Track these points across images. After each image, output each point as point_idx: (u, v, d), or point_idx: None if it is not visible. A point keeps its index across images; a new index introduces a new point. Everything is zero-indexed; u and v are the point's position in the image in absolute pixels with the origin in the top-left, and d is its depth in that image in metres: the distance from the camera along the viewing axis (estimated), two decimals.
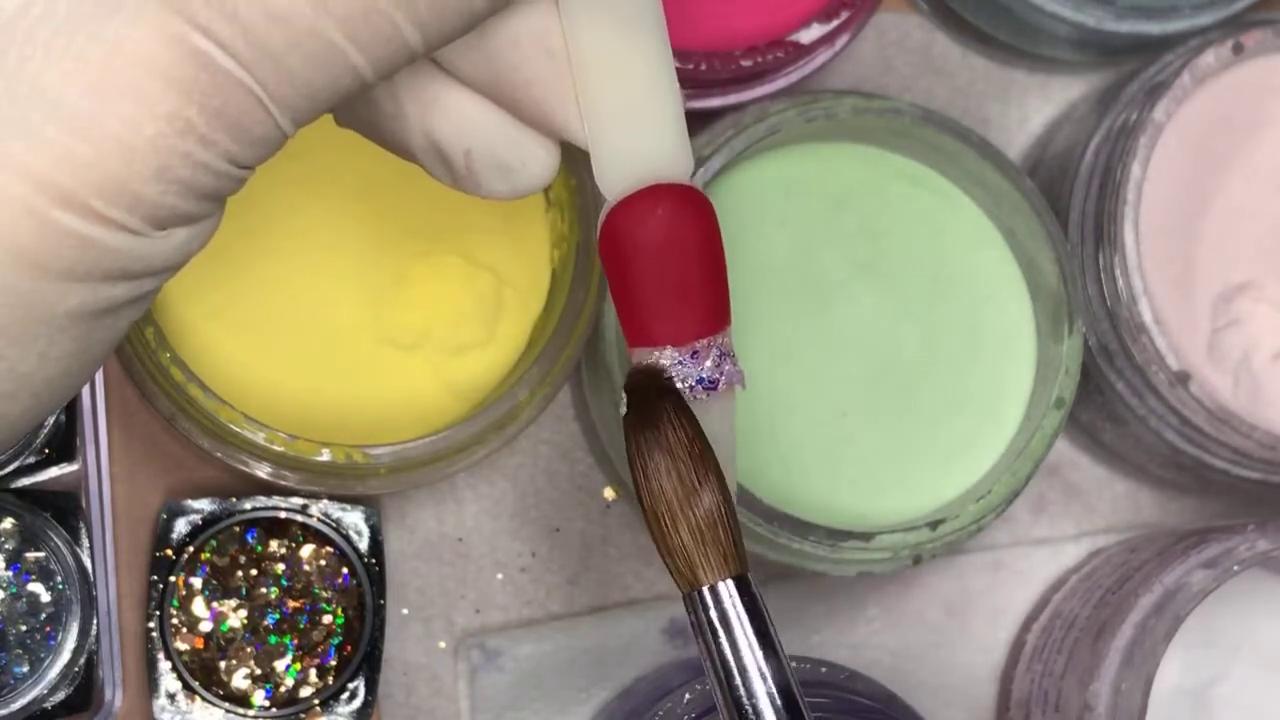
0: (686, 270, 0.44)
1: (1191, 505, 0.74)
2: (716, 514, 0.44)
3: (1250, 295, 0.67)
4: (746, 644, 0.44)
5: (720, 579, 0.44)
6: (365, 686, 0.65)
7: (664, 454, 0.44)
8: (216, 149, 0.38)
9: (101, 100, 0.37)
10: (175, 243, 0.39)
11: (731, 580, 0.44)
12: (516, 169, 0.44)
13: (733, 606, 0.44)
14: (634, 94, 0.44)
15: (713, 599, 0.44)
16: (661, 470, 0.44)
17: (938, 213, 0.67)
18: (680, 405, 0.45)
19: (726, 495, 0.44)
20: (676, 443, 0.44)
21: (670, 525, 0.44)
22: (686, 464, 0.44)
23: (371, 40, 0.39)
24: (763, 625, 0.44)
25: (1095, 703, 0.63)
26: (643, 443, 0.44)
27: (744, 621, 0.44)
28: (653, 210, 0.44)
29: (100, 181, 0.37)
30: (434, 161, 0.44)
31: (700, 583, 0.44)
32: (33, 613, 0.63)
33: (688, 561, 0.44)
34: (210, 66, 0.37)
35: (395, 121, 0.43)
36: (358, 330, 0.63)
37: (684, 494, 0.44)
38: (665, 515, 0.44)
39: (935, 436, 0.66)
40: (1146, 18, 0.69)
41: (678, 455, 0.44)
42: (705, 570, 0.44)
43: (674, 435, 0.44)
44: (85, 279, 0.38)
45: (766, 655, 0.44)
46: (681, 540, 0.44)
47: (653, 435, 0.44)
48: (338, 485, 0.62)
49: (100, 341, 0.40)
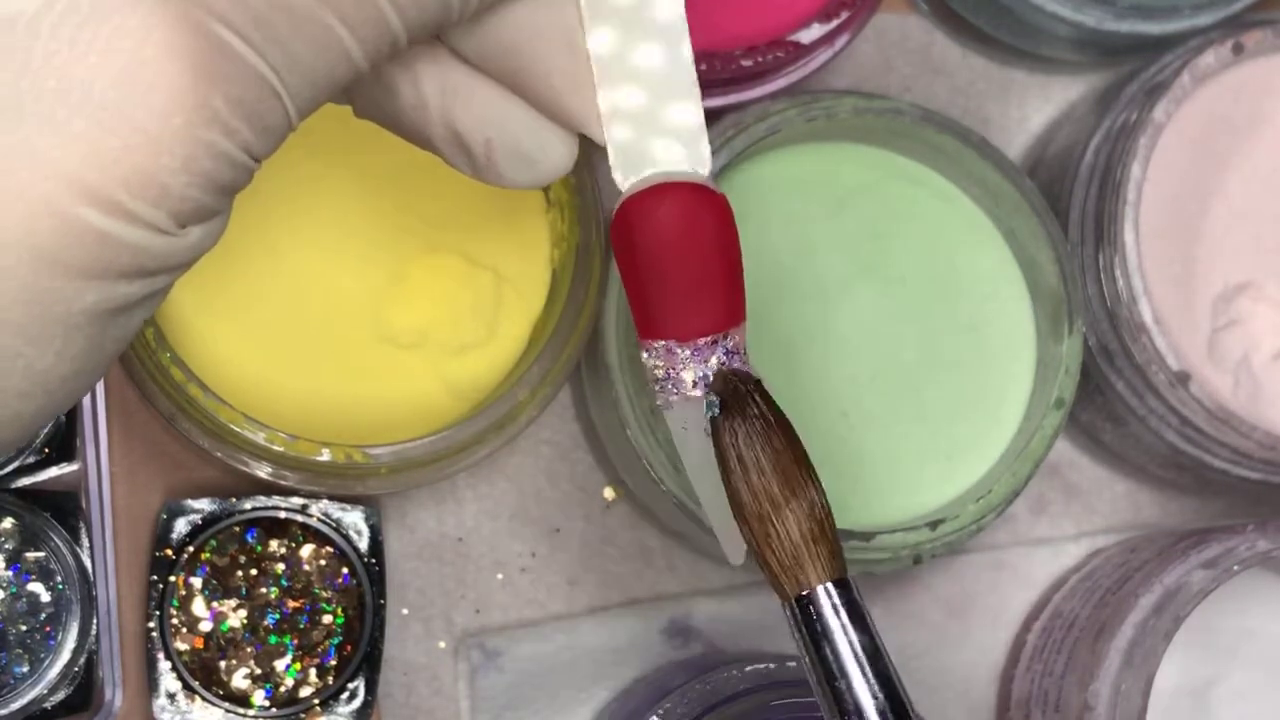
0: (694, 266, 0.44)
1: (1191, 505, 0.74)
2: (824, 511, 0.43)
3: (1250, 295, 0.67)
4: (850, 648, 0.43)
5: (828, 579, 0.43)
6: (365, 686, 0.65)
7: (765, 450, 0.43)
8: (237, 138, 0.38)
9: (130, 91, 0.37)
10: (191, 240, 0.40)
11: (833, 583, 0.43)
12: (537, 159, 0.44)
13: (838, 609, 0.43)
14: (651, 88, 0.44)
15: (819, 602, 0.43)
16: (766, 467, 0.43)
17: (938, 213, 0.67)
18: (771, 401, 0.44)
19: (824, 493, 0.43)
20: (776, 438, 0.43)
21: (777, 525, 0.43)
22: (790, 460, 0.43)
23: (362, 25, 0.39)
24: (866, 627, 0.43)
25: (1095, 703, 0.63)
26: (741, 440, 0.43)
27: (848, 624, 0.43)
28: (661, 205, 0.44)
29: (128, 174, 0.37)
30: (455, 151, 0.44)
31: (808, 584, 0.43)
32: (33, 613, 0.63)
33: (795, 562, 0.43)
34: (229, 53, 0.38)
35: (417, 111, 0.44)
36: (358, 330, 0.63)
37: (790, 491, 0.43)
38: (771, 514, 0.43)
39: (935, 436, 0.66)
40: (1146, 18, 0.69)
41: (779, 451, 0.43)
42: (815, 571, 0.43)
43: (772, 431, 0.43)
44: (103, 276, 0.38)
45: (872, 658, 0.43)
46: (790, 540, 0.43)
47: (752, 431, 0.43)
48: (338, 485, 0.62)
49: (113, 340, 0.40)
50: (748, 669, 0.63)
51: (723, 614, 0.69)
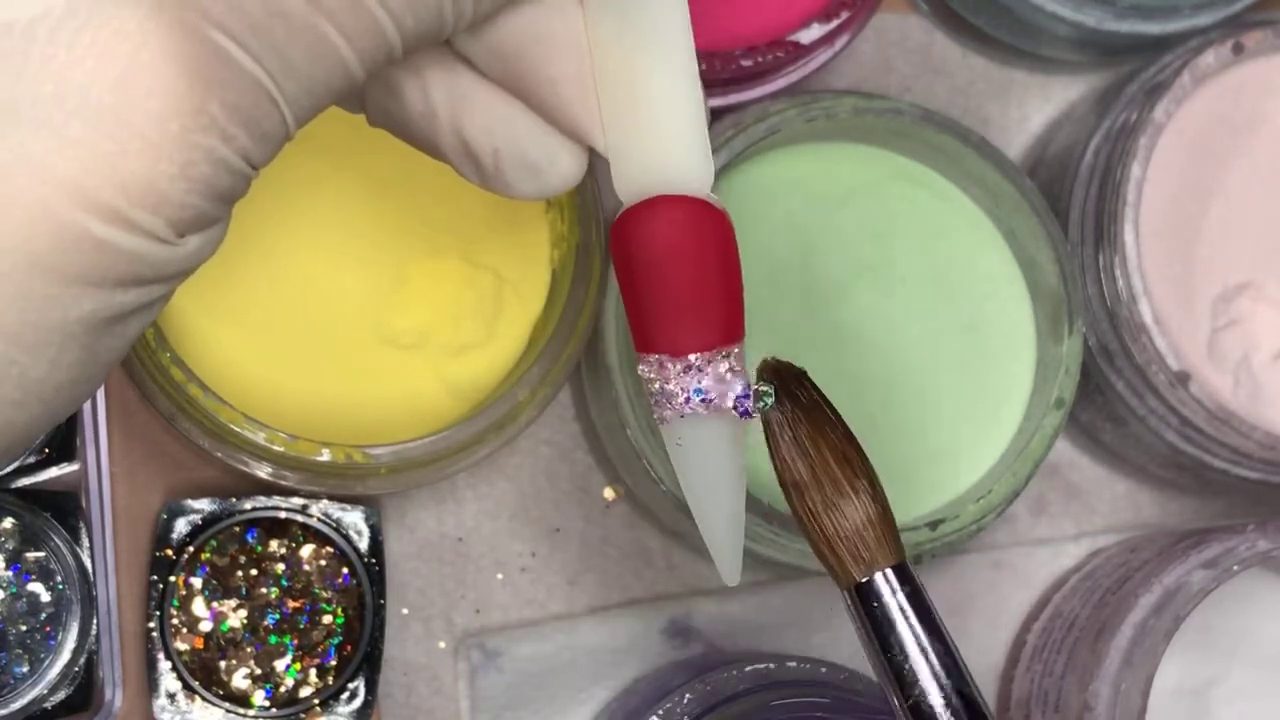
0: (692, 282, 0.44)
1: (1191, 505, 0.74)
2: (883, 499, 0.43)
3: (1250, 295, 0.67)
4: (911, 633, 0.43)
5: (891, 564, 0.43)
6: (365, 686, 0.65)
7: (825, 436, 0.43)
8: (235, 145, 0.38)
9: (127, 95, 0.37)
10: (189, 249, 0.39)
11: (893, 569, 0.43)
12: (544, 169, 0.44)
13: (896, 593, 0.43)
14: (655, 101, 0.44)
15: (888, 585, 0.43)
16: (826, 453, 0.43)
17: (938, 213, 0.67)
18: (819, 389, 0.44)
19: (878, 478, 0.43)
20: (834, 424, 0.43)
21: (839, 511, 0.43)
22: (850, 446, 0.43)
23: (357, 34, 0.39)
24: (927, 610, 0.43)
25: (1095, 703, 0.63)
26: (798, 426, 0.43)
27: (908, 608, 0.43)
28: (661, 219, 0.43)
29: (125, 180, 0.37)
30: (463, 160, 0.44)
31: (872, 569, 0.42)
32: (33, 613, 0.63)
33: (856, 548, 0.43)
34: (227, 59, 0.37)
35: (425, 120, 0.43)
36: (358, 330, 0.63)
37: (853, 476, 0.43)
38: (835, 500, 0.42)
39: (935, 436, 0.66)
40: (1146, 18, 0.69)
41: (839, 437, 0.43)
42: (880, 555, 0.43)
43: (827, 417, 0.43)
44: (100, 284, 0.38)
45: (935, 646, 0.43)
46: (853, 525, 0.43)
47: (809, 417, 0.43)
48: (338, 485, 0.62)
49: (109, 350, 0.40)
50: (748, 669, 0.63)
51: (723, 614, 0.69)
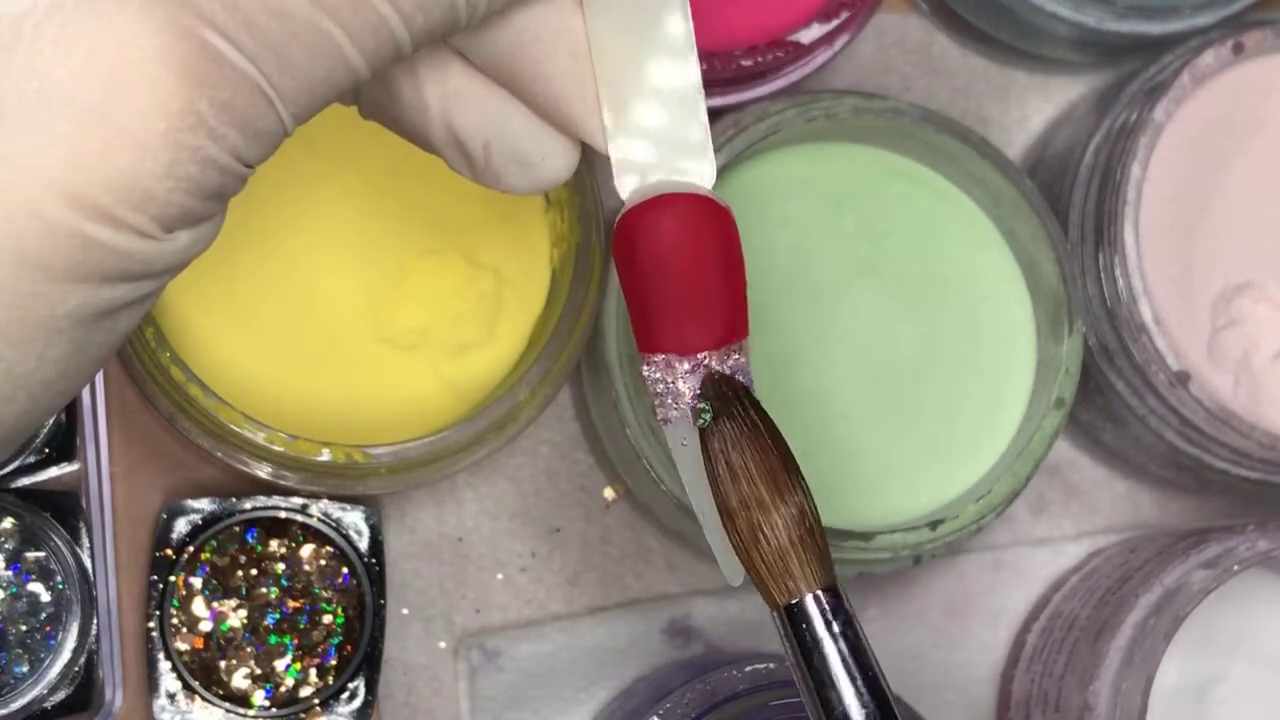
0: (696, 280, 0.43)
1: (1191, 505, 0.74)
2: (813, 518, 0.42)
3: (1250, 295, 0.67)
4: (838, 656, 0.42)
5: (817, 586, 0.42)
6: (365, 686, 0.65)
7: (754, 456, 0.42)
8: (225, 144, 0.38)
9: (113, 94, 0.37)
10: (179, 245, 0.39)
11: (823, 590, 0.42)
12: (536, 163, 0.44)
13: (827, 616, 0.42)
14: (656, 99, 0.43)
15: (808, 610, 0.42)
16: (754, 473, 0.42)
17: (938, 213, 0.67)
18: (760, 408, 0.43)
19: (813, 499, 0.43)
20: (764, 444, 0.43)
21: (766, 531, 0.42)
22: (779, 467, 0.42)
23: (361, 32, 0.39)
24: (856, 635, 0.42)
25: (1095, 703, 0.63)
26: (730, 446, 0.42)
27: (839, 633, 0.42)
28: (664, 217, 0.43)
29: (110, 178, 0.37)
30: (454, 153, 0.44)
31: (798, 592, 0.42)
32: (33, 613, 0.63)
33: (784, 569, 0.42)
34: (219, 59, 0.37)
35: (417, 113, 0.43)
36: (358, 330, 0.63)
37: (779, 497, 0.42)
38: (761, 520, 0.42)
39: (935, 436, 0.66)
40: (1146, 18, 0.69)
41: (768, 457, 0.42)
42: (805, 578, 0.42)
43: (761, 437, 0.43)
44: (87, 280, 0.38)
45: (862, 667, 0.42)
46: (778, 546, 0.42)
47: (741, 437, 0.42)
48: (338, 485, 0.62)
49: (99, 345, 0.40)
50: (748, 669, 0.63)
51: (723, 614, 0.69)
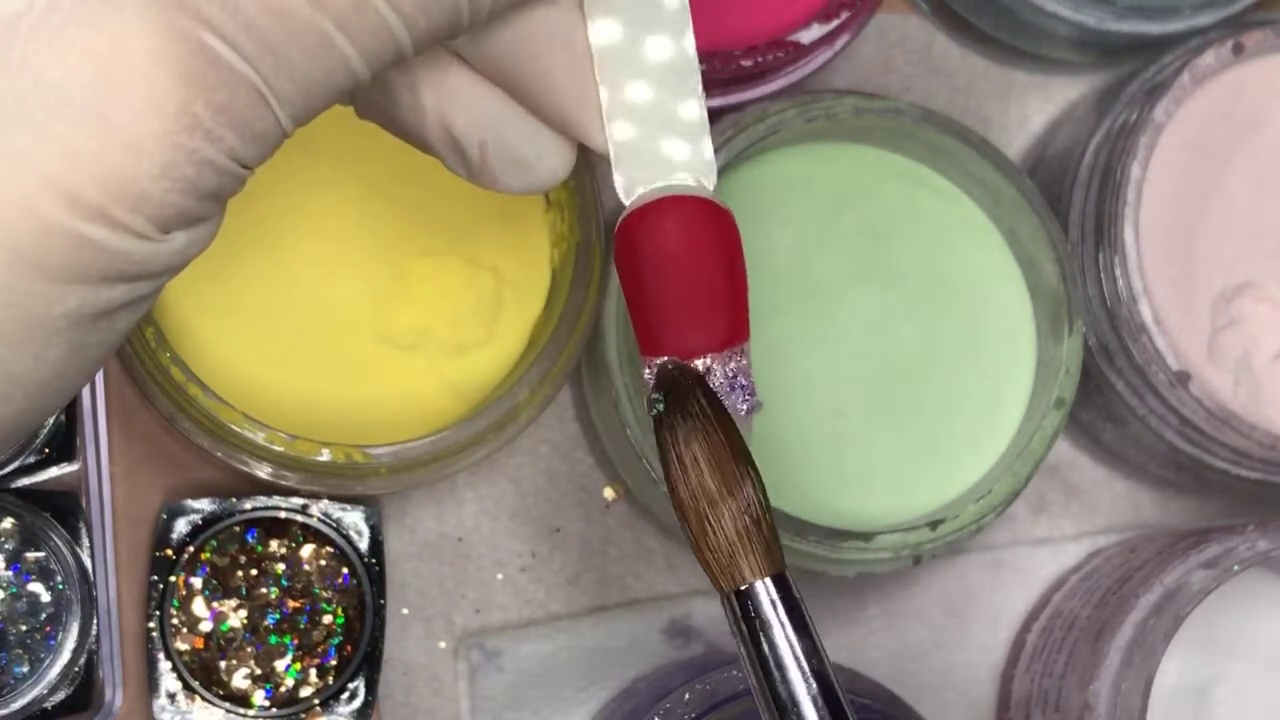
0: (698, 283, 0.43)
1: (1191, 505, 0.74)
2: (759, 508, 0.43)
3: (1250, 295, 0.67)
4: (787, 643, 0.43)
5: (763, 576, 0.43)
6: (365, 686, 0.65)
7: (703, 447, 0.43)
8: (221, 145, 0.38)
9: (109, 94, 0.37)
10: (175, 245, 0.39)
11: (771, 579, 0.43)
12: (532, 163, 0.44)
13: (775, 604, 0.43)
14: (656, 101, 0.43)
15: (757, 597, 0.43)
16: (702, 464, 0.43)
17: (938, 213, 0.67)
18: (714, 398, 0.44)
19: (764, 490, 0.43)
20: (714, 436, 0.43)
21: (713, 522, 0.43)
22: (726, 458, 0.43)
23: (362, 34, 0.39)
24: (803, 623, 0.43)
25: (1095, 703, 0.63)
26: (680, 437, 0.43)
27: (785, 620, 0.43)
28: (665, 220, 0.43)
29: (106, 178, 0.37)
30: (450, 153, 0.44)
31: (743, 580, 0.43)
32: (33, 613, 0.63)
33: (730, 558, 0.43)
34: (216, 61, 0.37)
35: (413, 114, 0.43)
36: (358, 330, 0.63)
37: (726, 489, 0.43)
38: (707, 511, 0.43)
39: (935, 436, 0.66)
40: (1146, 18, 0.69)
41: (716, 448, 0.43)
42: (750, 567, 0.43)
43: (711, 428, 0.43)
44: (83, 280, 0.38)
45: (808, 654, 0.43)
46: (725, 537, 0.43)
47: (690, 428, 0.43)
48: (338, 485, 0.62)
49: (96, 345, 0.39)
50: None
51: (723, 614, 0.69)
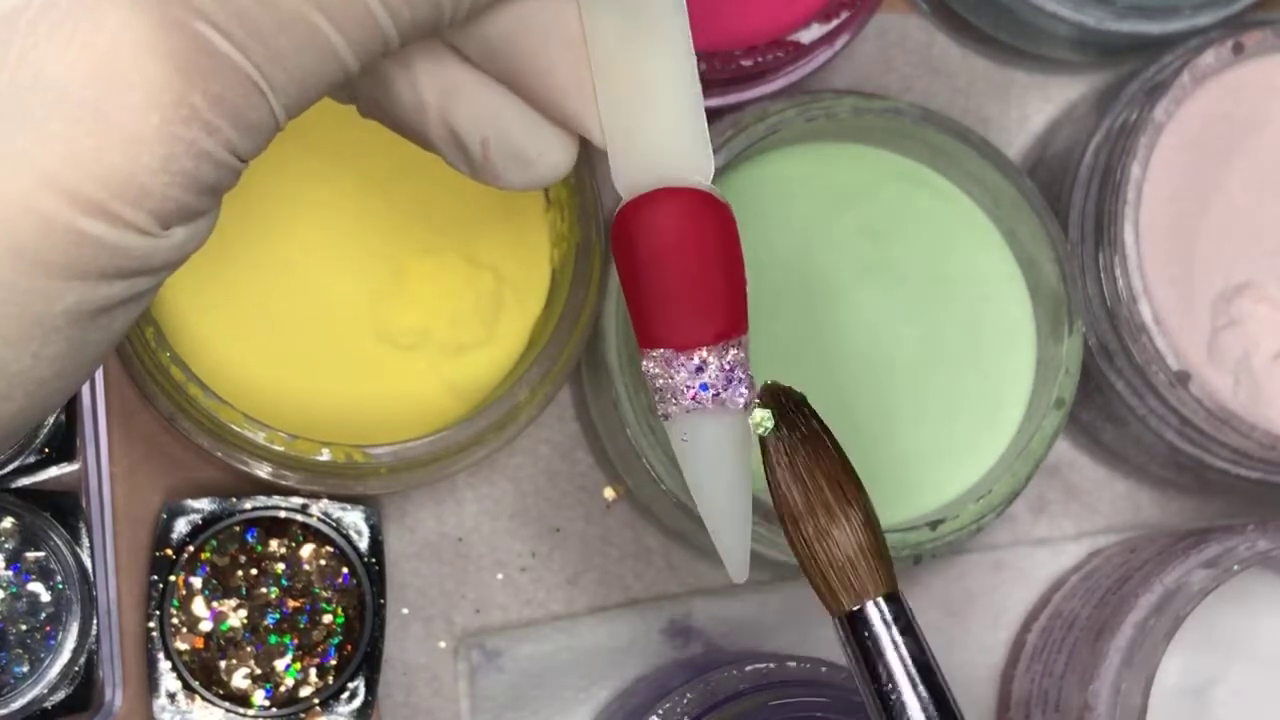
0: (695, 275, 0.43)
1: (1191, 505, 0.74)
2: (876, 524, 0.43)
3: (1250, 295, 0.67)
4: (901, 665, 0.42)
5: (881, 593, 0.43)
6: (365, 686, 0.65)
7: (821, 465, 0.43)
8: (219, 137, 0.38)
9: (107, 88, 0.37)
10: (174, 241, 0.39)
11: (883, 598, 0.43)
12: (534, 159, 0.44)
13: (891, 624, 0.43)
14: (655, 93, 0.43)
15: (875, 615, 0.42)
16: (824, 486, 0.43)
17: (938, 213, 0.67)
18: (819, 417, 0.44)
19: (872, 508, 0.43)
20: (828, 454, 0.43)
21: (830, 540, 0.42)
22: (842, 474, 0.43)
23: (349, 24, 0.39)
24: (918, 643, 0.43)
25: (1095, 703, 0.63)
26: (797, 456, 0.43)
27: (899, 641, 0.43)
28: (662, 212, 0.43)
29: (105, 173, 0.37)
30: (452, 150, 0.44)
31: (864, 598, 0.42)
32: (33, 613, 0.63)
33: (849, 577, 0.42)
34: (211, 50, 0.37)
35: (414, 111, 0.43)
36: (358, 330, 0.63)
37: (844, 505, 0.43)
38: (827, 529, 0.42)
39: (935, 436, 0.66)
40: (1146, 18, 0.69)
41: (832, 465, 0.43)
42: (871, 584, 0.42)
43: (825, 447, 0.43)
44: (83, 277, 0.38)
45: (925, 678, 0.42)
46: (844, 554, 0.42)
47: (807, 447, 0.43)
48: (338, 485, 0.62)
49: (95, 342, 0.39)
50: (748, 669, 0.63)
51: (723, 614, 0.69)
